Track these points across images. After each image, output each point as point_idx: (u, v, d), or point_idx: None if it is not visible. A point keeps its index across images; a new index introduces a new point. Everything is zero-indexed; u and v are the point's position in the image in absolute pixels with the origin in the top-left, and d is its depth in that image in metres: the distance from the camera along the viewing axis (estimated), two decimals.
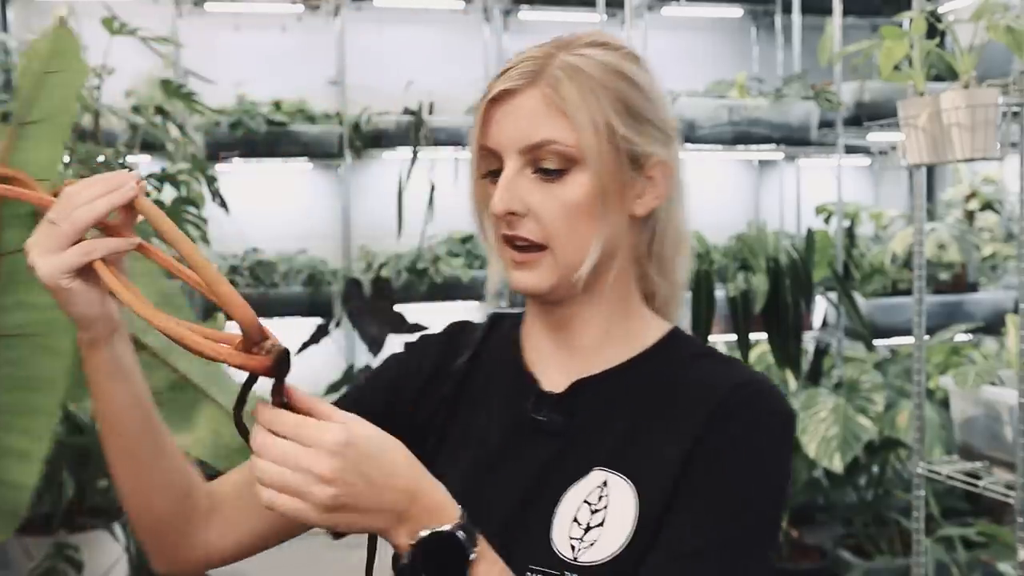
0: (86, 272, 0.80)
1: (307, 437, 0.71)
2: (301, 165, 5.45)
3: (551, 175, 0.89)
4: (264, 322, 0.71)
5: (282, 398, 0.73)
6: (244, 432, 0.76)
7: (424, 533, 0.73)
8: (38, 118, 0.93)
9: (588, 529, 0.86)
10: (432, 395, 0.99)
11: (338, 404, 0.86)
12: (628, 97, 0.90)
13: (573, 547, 0.85)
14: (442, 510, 0.75)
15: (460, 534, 0.74)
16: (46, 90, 0.95)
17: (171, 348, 0.99)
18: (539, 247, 0.90)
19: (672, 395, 0.90)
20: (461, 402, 0.98)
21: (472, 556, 0.74)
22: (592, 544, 0.85)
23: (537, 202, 0.89)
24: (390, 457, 0.73)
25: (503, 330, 1.02)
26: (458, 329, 1.05)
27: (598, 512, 0.86)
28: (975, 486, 2.20)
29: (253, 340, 0.72)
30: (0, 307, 0.93)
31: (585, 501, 0.87)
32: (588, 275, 0.90)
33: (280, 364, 0.72)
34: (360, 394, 1.02)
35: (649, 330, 0.96)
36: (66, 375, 0.95)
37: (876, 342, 3.75)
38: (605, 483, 0.87)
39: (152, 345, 1.00)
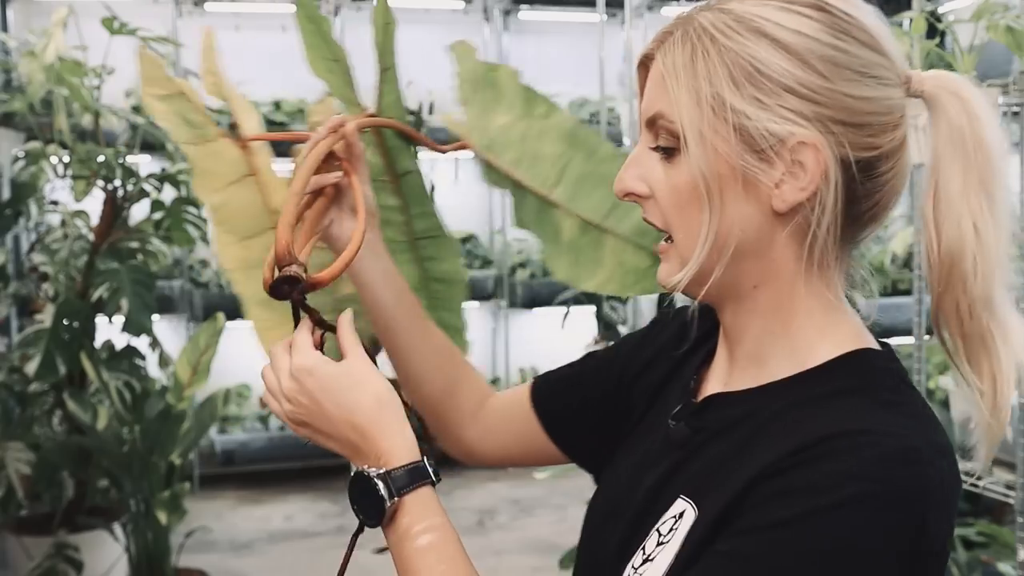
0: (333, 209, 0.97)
1: (292, 352, 0.82)
2: None
3: (666, 154, 0.77)
4: None
5: (313, 320, 0.84)
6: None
7: (355, 470, 0.79)
8: (388, 65, 1.09)
9: (646, 561, 0.76)
10: (647, 377, 0.93)
11: (594, 354, 1.02)
12: (760, 60, 0.72)
13: None
14: (387, 455, 0.78)
15: (378, 482, 0.77)
16: (389, 40, 1.11)
17: (573, 199, 1.11)
18: (669, 236, 0.79)
19: (782, 427, 0.73)
20: (664, 392, 0.91)
21: (388, 504, 0.77)
22: None
23: (656, 183, 0.78)
24: (351, 396, 0.80)
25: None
26: (698, 315, 0.94)
27: (662, 545, 0.76)
28: (975, 486, 2.20)
29: (280, 262, 0.83)
30: (412, 216, 1.14)
31: (657, 529, 0.77)
32: (725, 277, 0.76)
33: (275, 289, 0.83)
34: (608, 354, 1.01)
35: (822, 347, 0.77)
36: (461, 268, 1.18)
37: None
38: (681, 514, 0.76)
39: (559, 202, 1.10)
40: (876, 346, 0.79)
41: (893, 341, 0.83)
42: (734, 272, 0.77)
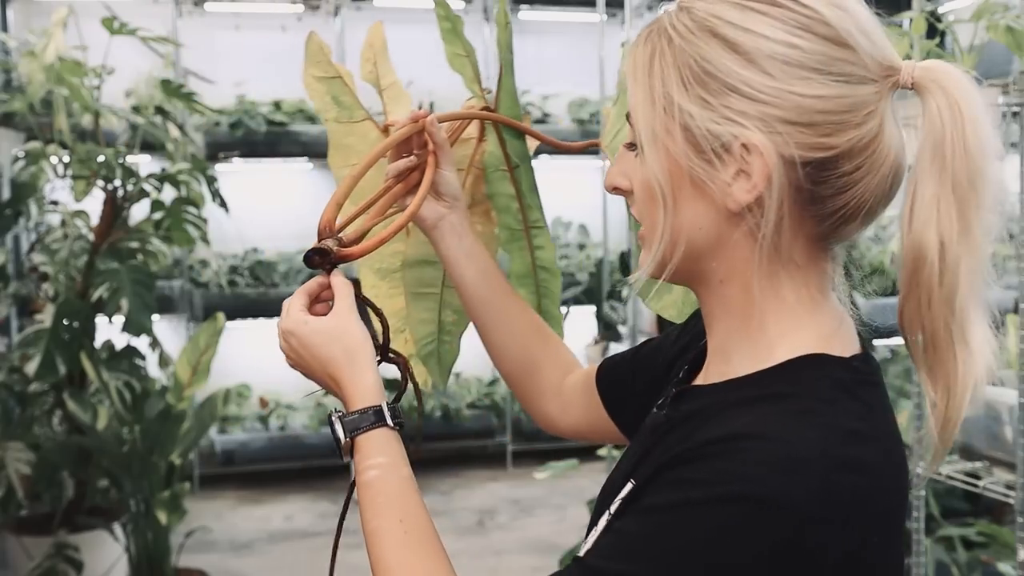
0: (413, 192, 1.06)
1: (285, 314, 0.92)
2: (301, 165, 5.45)
3: (637, 150, 0.78)
4: (263, 322, 0.79)
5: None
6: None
7: (329, 413, 0.89)
8: (505, 60, 1.18)
9: (594, 534, 0.80)
10: (678, 365, 0.94)
11: (650, 341, 1.05)
12: (708, 60, 0.72)
13: (581, 551, 0.79)
14: (350, 400, 0.88)
15: (336, 423, 0.87)
16: (508, 37, 1.19)
17: None
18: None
19: (711, 424, 0.73)
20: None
21: (343, 442, 0.86)
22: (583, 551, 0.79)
23: (633, 179, 0.80)
24: (325, 350, 0.90)
25: None
26: None
27: (608, 523, 0.78)
28: (975, 486, 2.20)
29: (319, 235, 0.94)
30: (524, 206, 1.20)
31: (609, 510, 0.79)
32: (692, 270, 0.78)
33: (307, 259, 0.93)
34: (659, 341, 1.03)
35: (781, 348, 0.76)
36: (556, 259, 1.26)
37: (876, 342, 3.75)
38: (629, 495, 0.78)
39: None
40: (841, 351, 0.76)
41: (893, 341, 0.81)
42: (700, 267, 0.78)
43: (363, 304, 0.95)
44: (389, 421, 0.87)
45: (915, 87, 0.73)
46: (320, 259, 0.93)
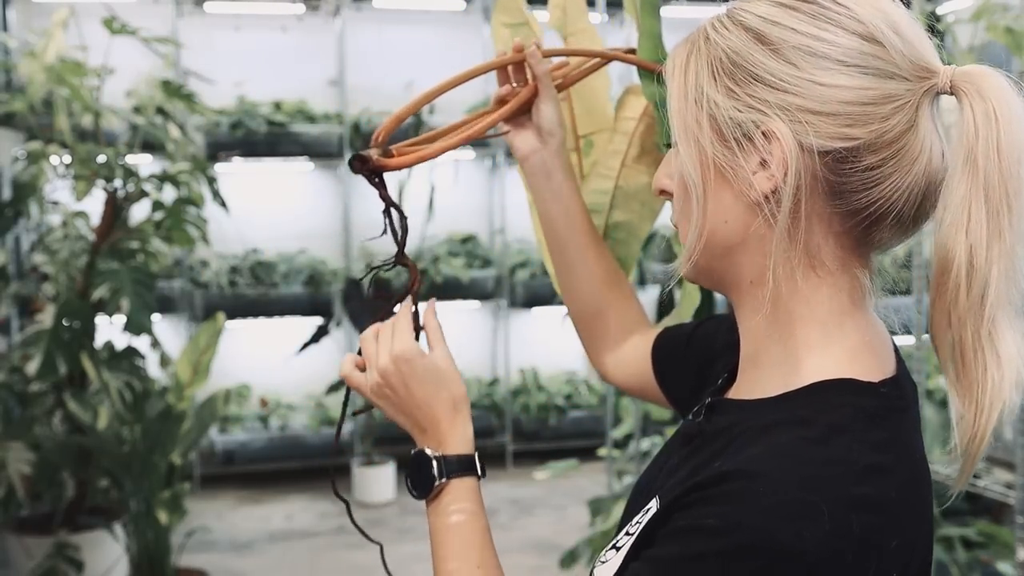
0: (514, 122, 1.11)
1: (395, 335, 0.91)
2: (301, 165, 5.45)
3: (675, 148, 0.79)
4: (264, 322, 0.78)
5: (382, 198, 0.97)
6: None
7: (418, 448, 0.90)
8: (650, 4, 1.17)
9: (611, 549, 0.77)
10: (725, 358, 0.92)
11: (706, 322, 1.05)
12: (736, 51, 0.73)
13: (594, 568, 0.78)
14: (447, 444, 0.89)
15: (434, 462, 0.88)
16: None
17: None
18: None
19: (731, 451, 0.72)
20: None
21: (436, 482, 0.87)
22: (600, 569, 0.77)
23: (675, 178, 0.80)
24: (435, 391, 0.90)
25: None
26: None
27: (629, 536, 0.76)
28: (975, 486, 2.21)
29: (371, 145, 0.97)
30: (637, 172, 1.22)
31: (638, 521, 0.76)
32: (722, 269, 0.77)
33: (350, 163, 0.96)
34: (714, 326, 1.02)
35: (808, 365, 0.74)
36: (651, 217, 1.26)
37: None
38: (648, 510, 0.75)
39: None
40: (870, 373, 0.74)
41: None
42: (729, 265, 0.77)
43: (389, 206, 0.98)
44: (480, 472, 0.89)
45: (953, 91, 0.72)
46: (359, 165, 0.96)
